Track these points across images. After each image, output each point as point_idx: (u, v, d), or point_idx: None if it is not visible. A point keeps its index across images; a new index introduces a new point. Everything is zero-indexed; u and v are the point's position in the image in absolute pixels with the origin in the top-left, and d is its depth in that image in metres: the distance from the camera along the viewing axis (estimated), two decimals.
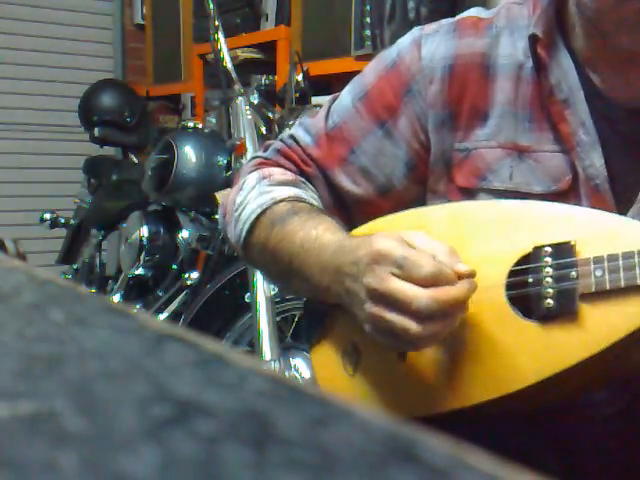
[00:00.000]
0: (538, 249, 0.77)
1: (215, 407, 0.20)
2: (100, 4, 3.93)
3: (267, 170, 0.95)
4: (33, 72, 3.71)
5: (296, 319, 2.01)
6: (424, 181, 0.93)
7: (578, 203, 0.83)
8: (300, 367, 1.96)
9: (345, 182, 0.95)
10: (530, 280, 0.77)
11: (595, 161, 0.82)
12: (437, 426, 0.24)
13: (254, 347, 1.82)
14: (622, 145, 0.83)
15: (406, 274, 0.71)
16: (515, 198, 0.86)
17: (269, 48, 2.89)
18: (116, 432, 0.19)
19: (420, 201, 0.95)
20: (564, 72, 0.84)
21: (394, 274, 0.71)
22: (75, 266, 3.08)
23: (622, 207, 0.82)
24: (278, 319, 1.89)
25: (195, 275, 2.37)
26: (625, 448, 0.86)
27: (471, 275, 0.73)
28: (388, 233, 0.76)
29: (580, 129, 0.83)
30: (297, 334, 2.02)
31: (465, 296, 0.72)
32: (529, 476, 0.19)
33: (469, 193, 0.89)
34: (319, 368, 0.93)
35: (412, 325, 0.71)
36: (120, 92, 3.21)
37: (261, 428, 0.19)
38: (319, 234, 0.82)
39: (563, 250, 0.75)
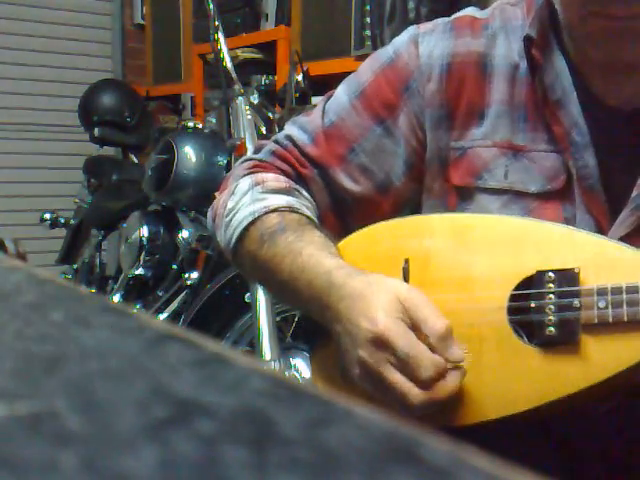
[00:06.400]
0: (541, 274, 0.76)
1: (215, 407, 0.20)
2: (100, 4, 3.93)
3: (260, 176, 0.93)
4: (33, 72, 3.71)
5: (296, 319, 2.01)
6: (422, 179, 0.93)
7: (572, 203, 0.84)
8: (300, 367, 1.96)
9: (344, 180, 0.94)
10: (532, 305, 0.76)
11: (588, 161, 0.82)
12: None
13: (254, 347, 1.82)
14: (614, 146, 0.84)
15: (405, 371, 0.72)
16: (510, 197, 0.86)
17: (269, 48, 2.89)
18: (116, 432, 0.19)
19: (418, 199, 0.95)
20: (558, 73, 0.84)
21: (393, 364, 0.73)
22: (75, 266, 3.08)
23: (615, 207, 0.82)
24: (278, 319, 1.89)
25: (195, 275, 2.37)
26: (624, 444, 0.86)
27: (461, 360, 0.74)
28: (390, 300, 0.74)
29: (573, 130, 0.83)
30: (297, 334, 2.02)
31: (455, 390, 0.73)
32: (529, 476, 0.19)
33: (465, 192, 0.89)
34: (319, 375, 0.93)
35: (402, 408, 0.73)
36: (120, 92, 3.21)
37: (261, 428, 0.19)
38: (305, 262, 0.81)
39: (567, 277, 0.75)
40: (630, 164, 0.83)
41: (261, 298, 1.79)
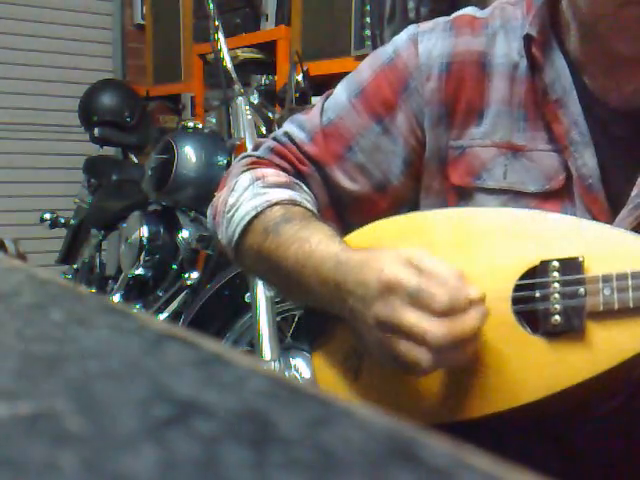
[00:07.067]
0: (545, 263, 0.76)
1: (215, 407, 0.20)
2: (100, 4, 3.93)
3: (260, 171, 0.93)
4: (33, 72, 3.71)
5: (296, 319, 2.01)
6: (420, 178, 0.93)
7: (571, 202, 0.84)
8: (300, 367, 1.96)
9: (342, 179, 0.94)
10: (537, 295, 0.76)
11: (588, 161, 0.83)
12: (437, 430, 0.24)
13: (254, 347, 1.82)
14: (614, 145, 0.84)
15: (420, 306, 0.70)
16: (509, 197, 0.86)
17: (269, 48, 2.89)
18: (116, 432, 0.19)
19: (416, 198, 0.95)
20: (558, 72, 0.84)
21: (407, 305, 0.70)
22: (75, 266, 3.08)
23: (615, 206, 0.82)
24: (278, 319, 1.89)
25: (195, 275, 2.37)
26: (625, 444, 0.86)
27: (481, 300, 0.72)
28: (394, 254, 0.73)
29: (573, 129, 0.83)
30: (297, 334, 2.02)
31: (478, 326, 0.71)
32: (529, 476, 0.19)
33: (463, 191, 0.89)
34: (320, 372, 0.93)
35: (425, 357, 0.70)
36: (120, 92, 3.21)
37: (261, 428, 0.19)
38: (312, 248, 0.81)
39: (571, 266, 0.75)
40: (630, 163, 0.83)
41: (261, 298, 1.79)
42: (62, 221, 3.14)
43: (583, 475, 0.86)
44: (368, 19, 2.37)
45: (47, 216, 3.13)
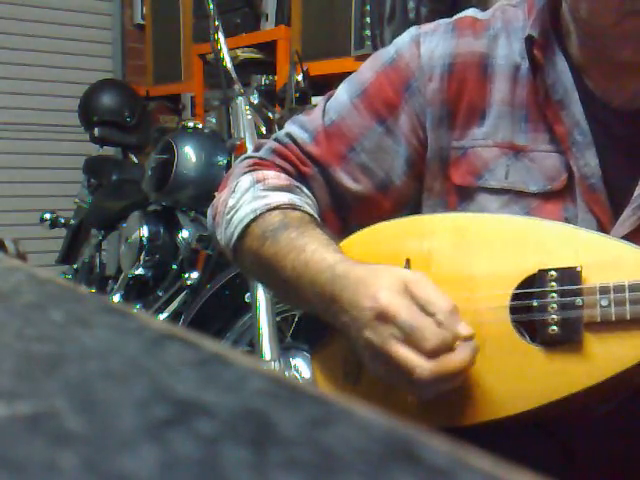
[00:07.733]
0: (543, 272, 0.76)
1: (215, 407, 0.20)
2: (100, 4, 3.94)
3: (261, 173, 0.93)
4: (33, 72, 3.71)
5: (296, 319, 2.01)
6: (422, 178, 0.93)
7: (573, 202, 0.84)
8: (300, 367, 1.96)
9: (345, 179, 0.94)
10: (535, 304, 0.76)
11: (590, 161, 0.83)
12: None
13: (254, 347, 1.82)
14: (615, 146, 0.84)
15: (410, 343, 0.71)
16: (511, 197, 0.86)
17: (269, 48, 2.89)
18: (116, 432, 0.19)
19: (418, 199, 0.95)
20: (559, 74, 0.84)
21: (398, 338, 0.71)
22: (75, 266, 3.08)
23: (617, 206, 0.82)
24: (278, 319, 1.89)
25: (195, 275, 2.37)
26: (624, 444, 0.86)
27: (471, 338, 0.72)
28: (391, 278, 0.73)
29: (575, 130, 0.83)
30: (297, 334, 2.02)
31: (467, 364, 0.71)
32: (529, 476, 0.19)
33: (465, 191, 0.89)
34: (320, 376, 0.93)
35: (412, 387, 0.72)
36: (120, 92, 3.21)
37: (261, 428, 0.19)
38: (308, 258, 0.81)
39: (569, 276, 0.75)
40: (631, 163, 0.83)
41: (261, 298, 1.79)
42: (62, 221, 3.14)
43: (583, 475, 0.86)
44: (368, 19, 2.37)
45: (47, 216, 3.13)
